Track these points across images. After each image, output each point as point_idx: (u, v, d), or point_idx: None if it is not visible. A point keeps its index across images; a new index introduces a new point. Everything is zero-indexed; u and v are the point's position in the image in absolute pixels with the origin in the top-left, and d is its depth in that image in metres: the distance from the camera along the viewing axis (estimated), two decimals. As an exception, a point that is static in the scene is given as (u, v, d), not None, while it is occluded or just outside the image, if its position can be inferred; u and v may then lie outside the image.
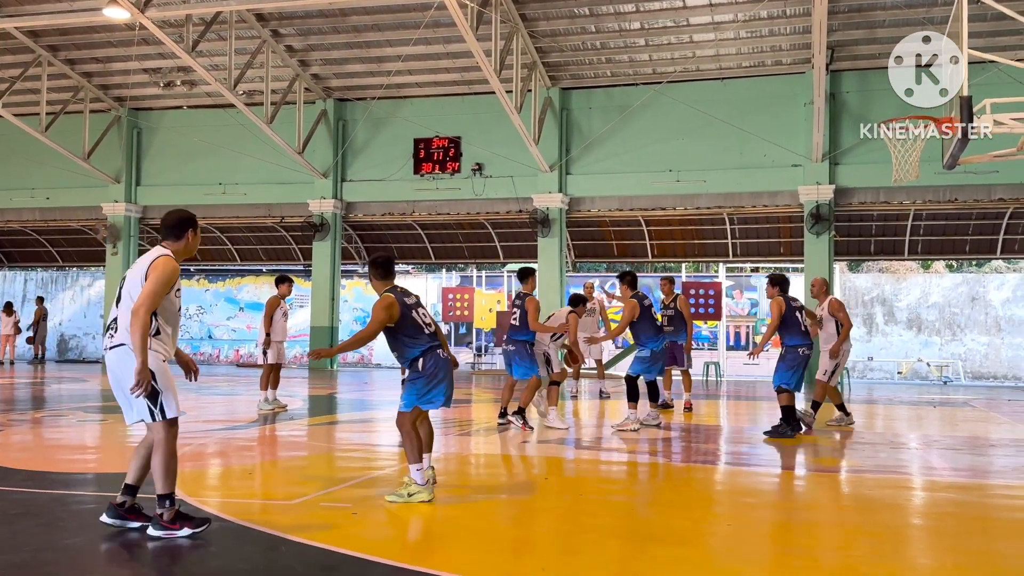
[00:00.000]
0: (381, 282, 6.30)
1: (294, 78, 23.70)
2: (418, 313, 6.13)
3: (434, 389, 6.09)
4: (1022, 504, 6.35)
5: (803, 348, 9.84)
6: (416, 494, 5.85)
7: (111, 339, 4.95)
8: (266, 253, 29.52)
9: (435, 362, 6.09)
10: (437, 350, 6.13)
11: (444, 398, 6.14)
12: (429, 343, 6.11)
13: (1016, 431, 10.94)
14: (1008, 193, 20.69)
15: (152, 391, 4.83)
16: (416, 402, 6.10)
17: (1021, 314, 26.63)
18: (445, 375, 6.12)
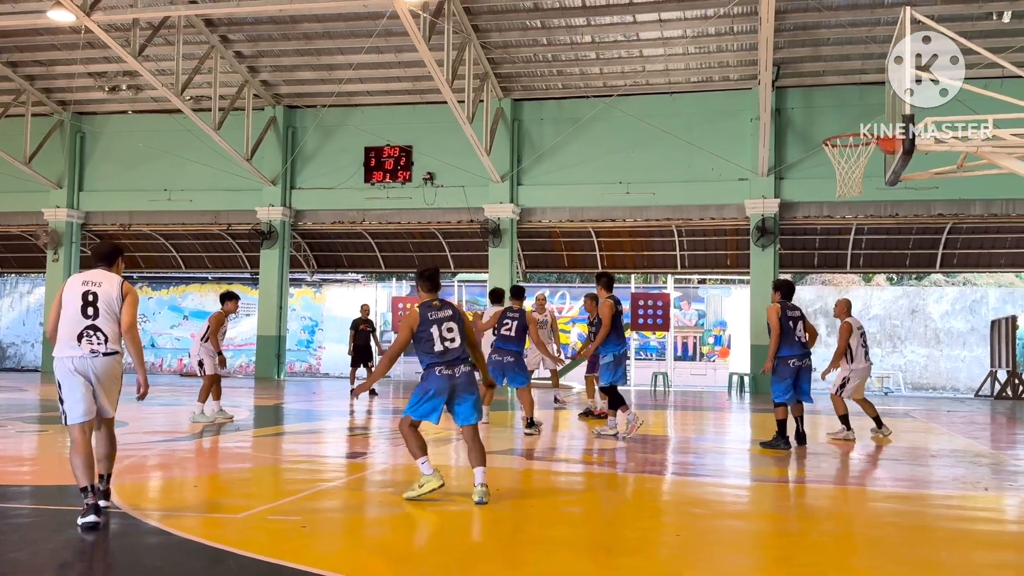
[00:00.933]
0: (426, 294, 6.62)
1: (243, 84, 23.43)
2: (440, 328, 6.33)
3: (425, 404, 6.36)
4: (961, 514, 6.51)
5: (794, 359, 9.60)
6: (426, 483, 6.20)
7: (103, 346, 5.54)
8: (212, 261, 29.05)
9: (431, 379, 6.34)
10: (438, 367, 6.31)
11: (437, 416, 6.36)
12: (432, 360, 6.33)
13: (955, 442, 11.22)
14: (947, 209, 21.28)
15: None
16: (409, 411, 6.43)
17: (959, 327, 27.35)
18: (436, 392, 6.33)
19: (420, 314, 6.38)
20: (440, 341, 6.31)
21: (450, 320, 6.39)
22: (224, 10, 20.02)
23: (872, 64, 20.19)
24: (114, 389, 5.63)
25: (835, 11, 19.00)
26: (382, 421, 13.21)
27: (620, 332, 10.42)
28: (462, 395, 6.37)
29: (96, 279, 5.68)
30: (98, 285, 5.64)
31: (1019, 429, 13.90)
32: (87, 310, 5.57)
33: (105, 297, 5.61)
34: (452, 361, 6.34)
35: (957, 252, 23.85)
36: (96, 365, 5.53)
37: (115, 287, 5.66)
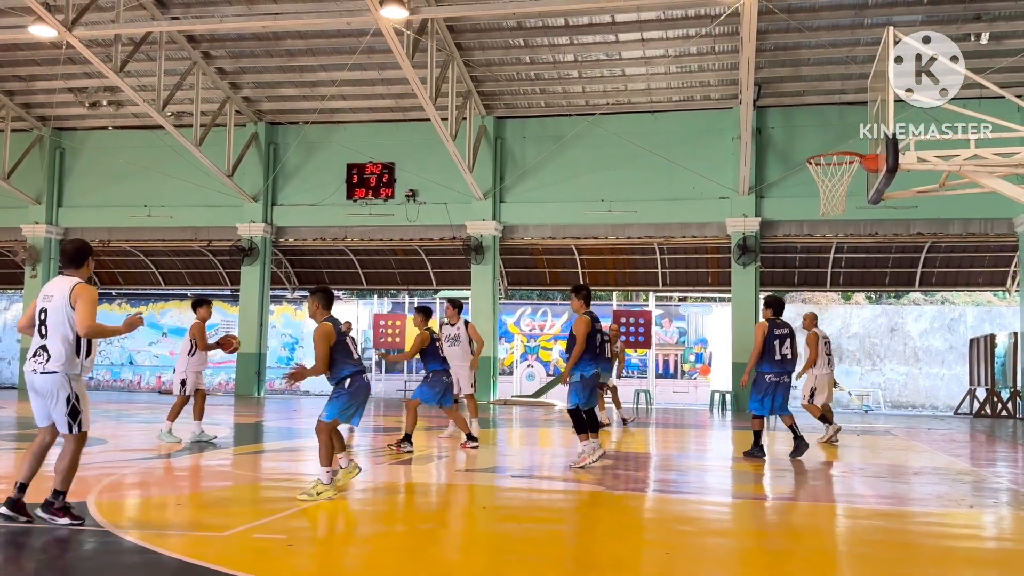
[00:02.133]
0: (323, 311, 7.28)
1: (225, 100, 23.38)
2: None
3: (353, 407, 7.07)
4: (945, 531, 6.52)
5: (771, 375, 9.85)
6: (323, 492, 6.74)
7: (43, 365, 5.60)
8: (192, 277, 28.87)
9: (359, 385, 7.09)
10: (363, 375, 7.13)
11: (359, 418, 7.17)
12: (356, 367, 7.09)
13: (936, 459, 11.27)
14: (926, 228, 21.50)
15: (73, 409, 5.64)
16: (337, 415, 7.03)
17: (938, 345, 27.58)
18: (364, 399, 7.14)
19: (333, 326, 7.12)
20: (353, 351, 7.12)
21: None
22: (206, 26, 20.01)
23: (852, 84, 20.42)
24: (59, 407, 5.58)
25: (815, 32, 19.22)
26: (362, 439, 13.11)
27: (594, 352, 9.43)
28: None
29: (51, 292, 5.65)
30: (50, 299, 5.63)
31: (999, 447, 13.99)
32: (41, 329, 5.65)
33: (54, 313, 5.58)
34: (364, 370, 7.20)
35: (936, 271, 24.08)
36: (36, 382, 5.63)
37: (65, 296, 5.57)
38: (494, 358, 23.70)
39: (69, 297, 5.56)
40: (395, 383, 29.11)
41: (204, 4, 19.93)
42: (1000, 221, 21.10)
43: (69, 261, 5.77)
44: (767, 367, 9.84)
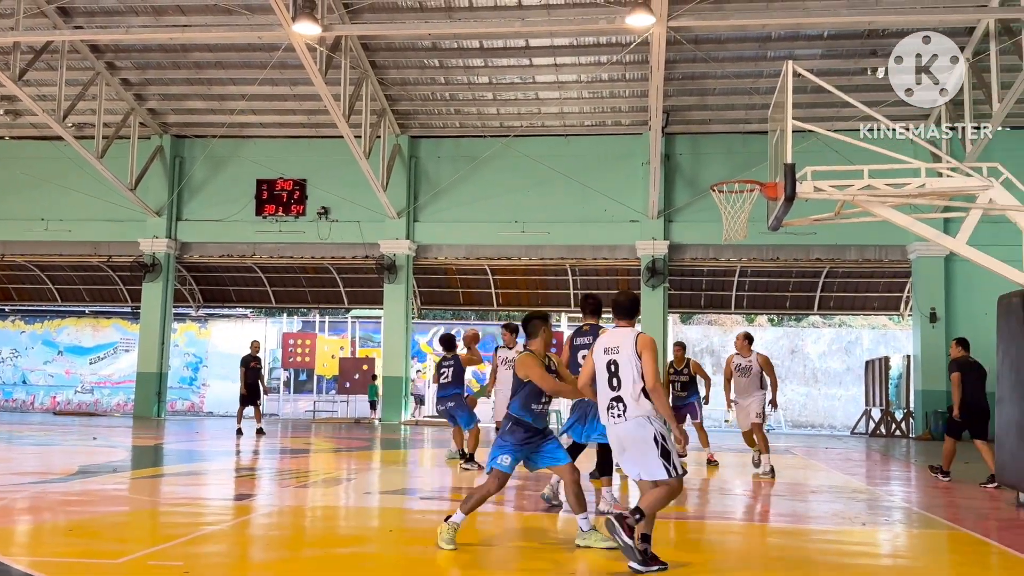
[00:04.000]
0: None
1: (129, 112, 22.74)
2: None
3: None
4: (841, 548, 6.74)
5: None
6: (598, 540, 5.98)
7: (627, 411, 5.50)
8: (90, 294, 27.84)
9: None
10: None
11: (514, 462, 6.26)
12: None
13: (832, 478, 11.65)
14: (824, 253, 22.32)
15: (665, 451, 5.42)
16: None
17: (836, 366, 28.58)
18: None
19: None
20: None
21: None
22: (111, 36, 19.48)
23: (755, 114, 21.11)
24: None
25: (721, 63, 19.83)
26: (268, 462, 12.83)
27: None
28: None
29: (619, 339, 5.60)
30: (621, 348, 5.56)
31: (893, 466, 14.56)
32: (612, 379, 5.60)
33: (627, 361, 5.51)
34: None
35: (834, 295, 24.97)
36: (626, 430, 5.51)
37: (632, 343, 5.52)
38: (406, 378, 23.53)
39: (637, 346, 5.51)
40: (305, 403, 28.62)
41: (109, 14, 19.38)
42: (894, 248, 22.06)
43: (626, 312, 5.80)
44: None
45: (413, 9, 18.69)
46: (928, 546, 6.92)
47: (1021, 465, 8.17)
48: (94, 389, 29.50)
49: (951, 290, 21.40)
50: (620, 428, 5.57)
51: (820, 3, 17.67)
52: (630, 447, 5.55)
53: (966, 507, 8.95)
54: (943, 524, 7.69)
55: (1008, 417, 8.59)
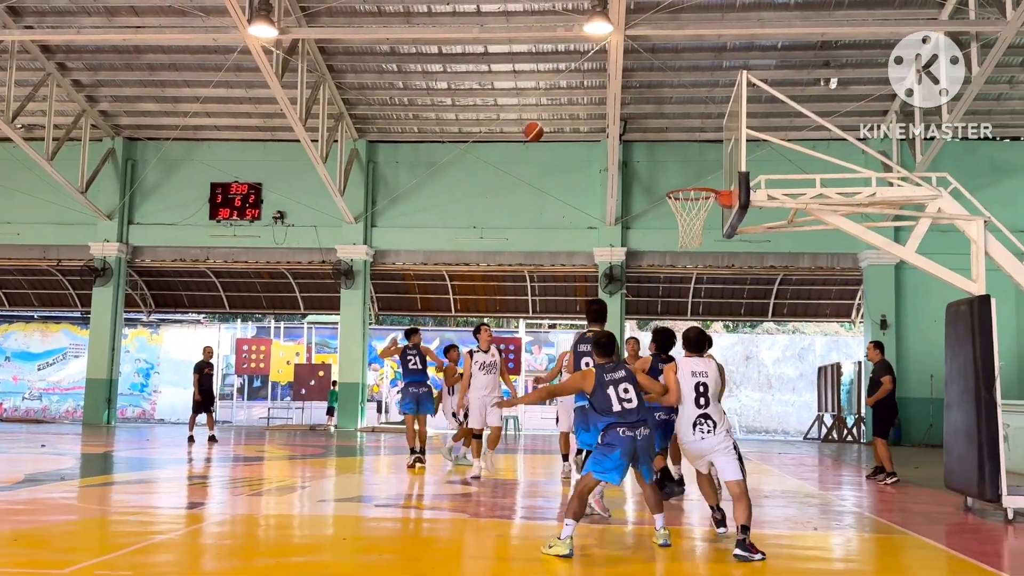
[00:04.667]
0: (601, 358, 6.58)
1: (80, 114, 22.33)
2: (613, 390, 6.28)
3: (604, 460, 6.21)
4: (793, 553, 6.82)
5: (660, 412, 8.76)
6: (555, 547, 6.01)
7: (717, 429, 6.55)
8: (39, 298, 27.22)
9: (610, 435, 6.23)
10: (614, 426, 6.21)
11: (619, 476, 6.28)
12: (612, 420, 6.23)
13: (786, 483, 11.79)
14: (778, 261, 22.63)
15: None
16: (591, 469, 6.27)
17: (789, 373, 28.96)
18: (625, 452, 6.20)
19: (598, 372, 6.37)
20: (618, 402, 6.26)
21: (625, 381, 6.34)
22: (62, 37, 19.14)
23: (711, 123, 21.35)
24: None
25: (677, 72, 20.04)
26: (221, 469, 12.65)
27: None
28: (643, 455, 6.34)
29: (709, 365, 6.43)
30: (713, 370, 6.48)
31: (844, 471, 14.77)
32: (705, 398, 6.50)
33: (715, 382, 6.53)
34: (633, 423, 6.26)
35: (787, 302, 25.32)
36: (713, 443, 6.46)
37: (716, 369, 6.37)
38: (363, 384, 23.37)
39: (720, 371, 6.78)
40: (259, 410, 28.28)
41: (60, 14, 19.01)
42: (846, 256, 22.43)
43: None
44: (655, 404, 9.31)
45: (371, 14, 18.61)
46: (879, 550, 7.03)
47: (968, 470, 8.33)
48: (42, 395, 28.86)
49: (901, 297, 21.82)
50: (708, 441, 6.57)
51: (774, 14, 17.95)
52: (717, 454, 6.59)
53: (915, 511, 9.11)
54: (893, 528, 7.82)
55: (955, 423, 8.76)
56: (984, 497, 8.10)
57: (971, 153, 21.54)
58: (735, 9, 17.93)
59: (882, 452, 11.71)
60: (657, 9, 17.06)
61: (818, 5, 17.81)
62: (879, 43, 18.67)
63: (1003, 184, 21.11)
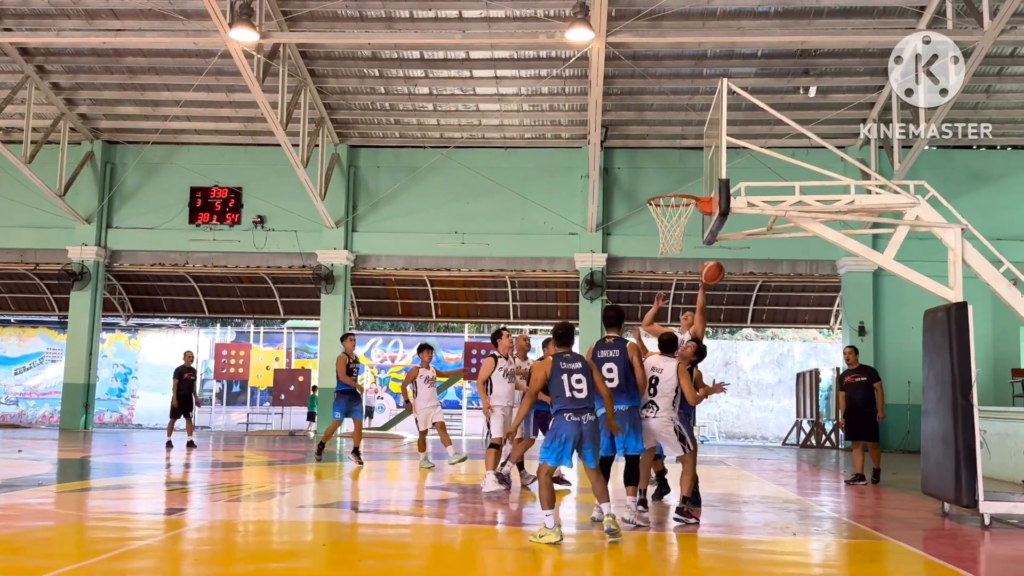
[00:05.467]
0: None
1: (59, 117, 22.16)
2: (566, 378, 6.77)
3: (558, 447, 6.71)
4: (772, 558, 6.85)
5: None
6: (544, 535, 6.47)
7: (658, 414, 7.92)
8: (16, 302, 26.94)
9: (559, 423, 6.76)
10: (561, 413, 6.74)
11: (566, 459, 6.76)
12: (562, 406, 6.75)
13: (764, 488, 11.86)
14: (757, 268, 22.77)
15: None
16: (543, 456, 6.79)
17: (768, 378, 29.12)
18: (568, 436, 6.69)
19: (554, 361, 6.88)
20: (570, 390, 6.74)
21: (579, 373, 6.81)
22: (41, 40, 19.00)
23: (691, 130, 21.49)
24: None
25: (658, 79, 20.14)
26: (200, 475, 12.56)
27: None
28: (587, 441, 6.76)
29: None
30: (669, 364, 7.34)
31: (822, 476, 14.87)
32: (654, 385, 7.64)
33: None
34: (575, 410, 6.74)
35: (766, 308, 25.46)
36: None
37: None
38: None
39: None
40: (239, 415, 28.12)
41: (40, 16, 18.87)
42: (824, 263, 22.60)
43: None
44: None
45: (353, 19, 18.60)
46: (857, 555, 7.08)
47: (945, 476, 8.41)
48: (19, 400, 28.58)
49: (879, 304, 22.01)
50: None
51: (754, 22, 18.09)
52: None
53: (893, 517, 9.19)
54: (871, 534, 7.88)
55: (932, 429, 8.84)
56: (961, 503, 8.18)
57: (948, 161, 21.82)
58: (715, 17, 18.06)
59: (876, 453, 12.35)
60: (638, 17, 17.16)
61: (797, 14, 17.97)
62: (858, 52, 18.86)
63: (980, 192, 21.36)
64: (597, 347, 8.11)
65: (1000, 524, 8.25)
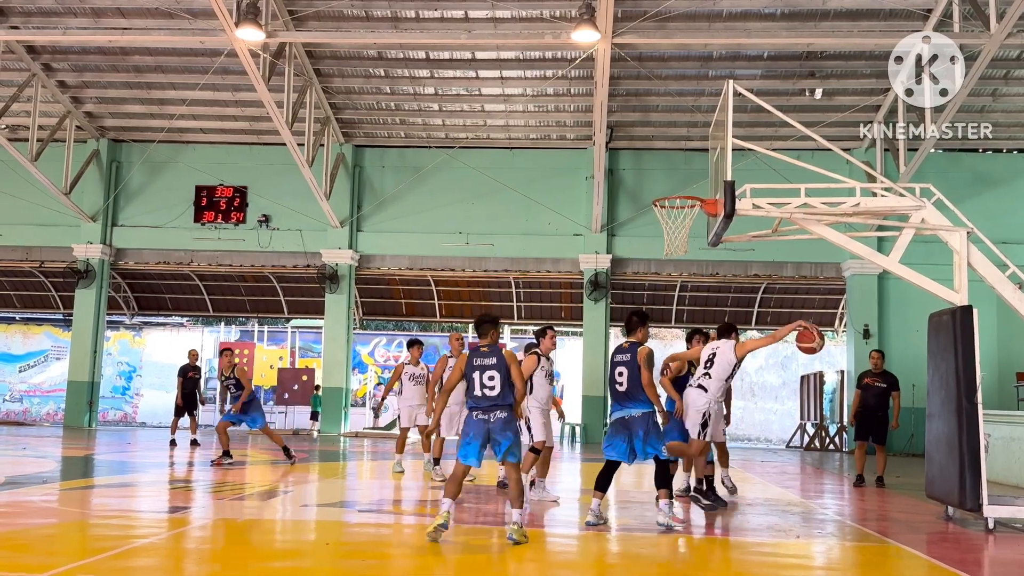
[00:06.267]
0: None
1: (65, 115, 22.21)
2: (478, 375, 6.64)
3: (465, 445, 6.71)
4: (776, 561, 6.84)
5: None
6: (515, 534, 6.44)
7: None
8: (21, 300, 27.02)
9: (467, 421, 6.76)
10: (470, 411, 6.71)
11: (474, 459, 6.68)
12: (471, 404, 6.74)
13: (768, 491, 11.83)
14: (762, 270, 22.74)
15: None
16: (458, 455, 6.78)
17: (772, 381, 29.05)
18: (476, 434, 6.65)
19: (468, 359, 6.75)
20: (479, 387, 6.63)
21: (489, 369, 6.63)
22: (48, 38, 19.05)
23: (697, 132, 21.46)
24: None
25: (664, 80, 20.12)
26: (203, 473, 12.57)
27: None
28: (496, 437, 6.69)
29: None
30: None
31: (826, 479, 14.84)
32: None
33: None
34: (472, 407, 6.71)
35: (771, 311, 25.42)
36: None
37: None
38: (346, 389, 23.31)
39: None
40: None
41: (47, 14, 18.91)
42: (829, 265, 22.56)
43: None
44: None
45: (359, 18, 18.61)
46: (860, 559, 7.06)
47: (949, 480, 8.38)
48: (23, 398, 28.62)
49: (884, 307, 21.96)
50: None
51: (760, 24, 18.06)
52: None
53: (897, 520, 9.16)
54: (875, 537, 7.86)
55: (937, 432, 8.81)
56: (965, 506, 8.15)
57: (954, 165, 21.77)
58: (721, 19, 18.04)
59: (882, 459, 12.53)
60: (644, 18, 17.15)
61: (804, 16, 17.94)
62: (864, 54, 18.82)
63: (985, 195, 21.31)
64: (614, 351, 8.20)
65: (1004, 528, 8.23)
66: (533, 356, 9.49)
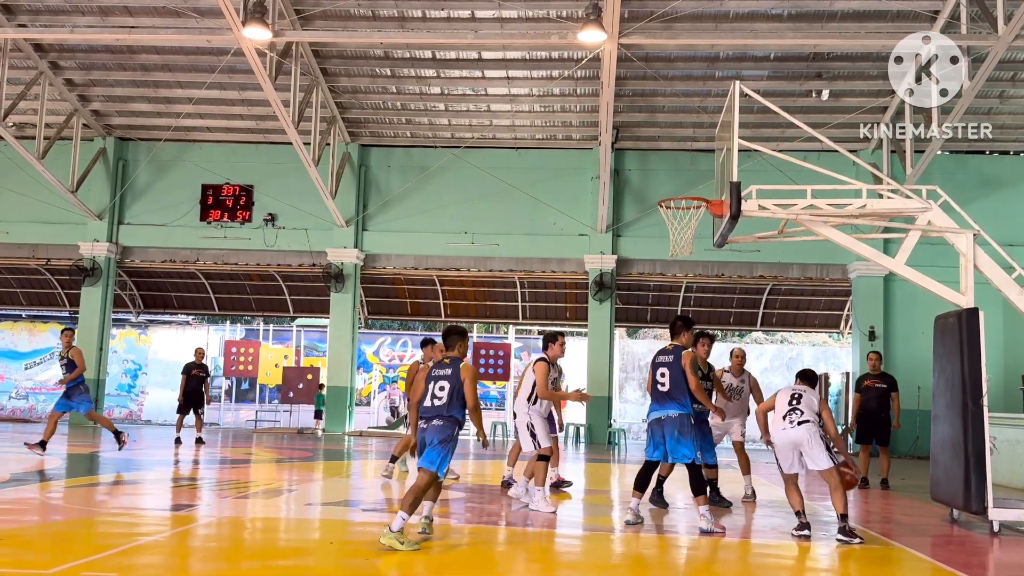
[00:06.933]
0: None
1: (72, 113, 22.26)
2: (432, 385, 6.75)
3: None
4: (777, 562, 6.84)
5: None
6: (394, 541, 6.34)
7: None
8: (27, 297, 27.08)
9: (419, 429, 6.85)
10: (420, 421, 6.78)
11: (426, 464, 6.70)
12: (419, 413, 6.83)
13: (772, 492, 11.82)
14: (767, 271, 22.70)
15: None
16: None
17: (777, 382, 28.94)
18: (419, 442, 6.82)
19: (431, 370, 6.87)
20: (430, 397, 6.72)
21: (444, 380, 6.70)
22: (55, 36, 19.11)
23: (703, 132, 21.44)
24: None
25: (670, 81, 20.10)
26: (207, 472, 12.60)
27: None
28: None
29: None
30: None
31: (830, 479, 14.78)
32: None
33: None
34: (421, 418, 6.79)
35: (776, 312, 25.37)
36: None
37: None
38: (351, 388, 23.33)
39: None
40: (247, 412, 28.18)
41: (54, 13, 18.96)
42: (835, 267, 22.51)
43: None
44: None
45: (366, 18, 18.63)
46: (864, 561, 7.06)
47: (954, 482, 8.37)
48: (29, 395, 28.70)
49: (890, 309, 21.90)
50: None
51: (767, 25, 18.04)
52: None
53: (901, 522, 9.15)
54: (879, 539, 7.85)
55: (942, 435, 8.80)
56: (970, 509, 8.14)
57: (961, 167, 21.71)
58: (728, 19, 18.02)
59: (886, 461, 12.75)
60: (651, 18, 17.13)
61: (811, 17, 17.91)
62: (871, 55, 18.78)
63: (992, 198, 21.25)
64: (657, 352, 8.32)
65: (1009, 531, 8.22)
66: (543, 363, 9.39)
